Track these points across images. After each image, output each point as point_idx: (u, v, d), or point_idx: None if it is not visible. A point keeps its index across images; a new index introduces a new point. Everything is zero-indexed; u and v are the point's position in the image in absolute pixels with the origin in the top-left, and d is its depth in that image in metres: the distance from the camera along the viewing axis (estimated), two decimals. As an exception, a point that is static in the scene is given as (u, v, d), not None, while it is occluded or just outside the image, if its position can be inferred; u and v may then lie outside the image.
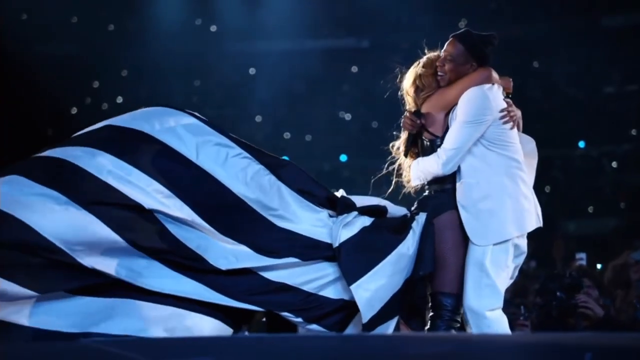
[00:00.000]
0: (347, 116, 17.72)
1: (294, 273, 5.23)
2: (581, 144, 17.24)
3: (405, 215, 5.51)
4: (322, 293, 5.25)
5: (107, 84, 16.72)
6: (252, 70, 17.62)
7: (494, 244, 5.41)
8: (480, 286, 5.38)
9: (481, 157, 5.49)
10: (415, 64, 5.76)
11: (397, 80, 5.80)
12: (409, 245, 5.40)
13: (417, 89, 5.68)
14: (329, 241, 5.29)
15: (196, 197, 5.11)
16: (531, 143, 5.64)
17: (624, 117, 16.91)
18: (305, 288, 5.22)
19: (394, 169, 5.76)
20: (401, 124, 5.68)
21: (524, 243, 5.48)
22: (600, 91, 17.38)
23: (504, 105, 5.53)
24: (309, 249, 5.26)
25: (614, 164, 17.17)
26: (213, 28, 17.38)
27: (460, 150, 5.46)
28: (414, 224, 5.44)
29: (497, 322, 5.38)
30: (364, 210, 5.43)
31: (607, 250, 12.33)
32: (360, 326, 5.25)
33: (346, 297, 5.26)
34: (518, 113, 5.60)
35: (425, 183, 5.61)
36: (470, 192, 5.46)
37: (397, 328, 5.43)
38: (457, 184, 5.46)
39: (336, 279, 5.27)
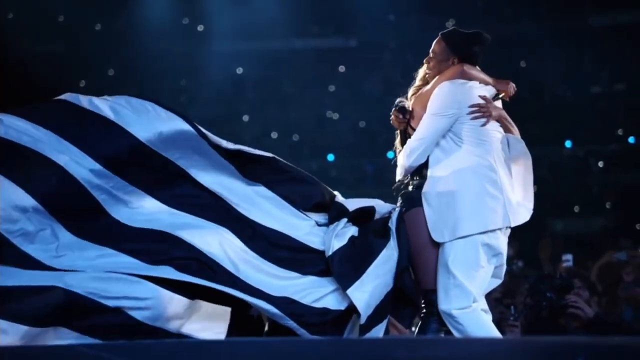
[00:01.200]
0: (335, 116, 17.71)
1: (296, 286, 5.29)
2: (568, 144, 17.27)
3: (388, 215, 5.53)
4: (320, 304, 5.29)
5: (93, 83, 16.65)
6: (239, 70, 17.59)
7: (457, 243, 5.39)
8: (448, 287, 5.36)
9: (448, 152, 5.49)
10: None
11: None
12: (391, 245, 5.44)
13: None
14: (321, 248, 5.34)
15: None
16: (520, 143, 5.63)
17: (611, 117, 16.95)
18: (305, 301, 5.26)
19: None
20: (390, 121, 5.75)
21: (497, 243, 5.40)
22: (588, 91, 17.41)
23: (476, 101, 5.51)
24: (304, 256, 5.30)
25: (601, 164, 17.21)
26: (200, 27, 17.35)
27: (423, 142, 5.46)
28: (389, 223, 5.47)
29: (468, 320, 5.34)
30: (354, 215, 5.47)
31: (593, 249, 12.35)
32: (356, 329, 5.28)
33: (342, 306, 5.30)
34: (501, 113, 5.57)
35: (408, 178, 5.62)
36: (433, 187, 5.45)
37: (386, 328, 5.45)
38: (427, 178, 5.49)
39: (333, 290, 5.31)
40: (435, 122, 5.47)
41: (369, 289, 5.30)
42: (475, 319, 5.33)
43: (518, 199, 5.55)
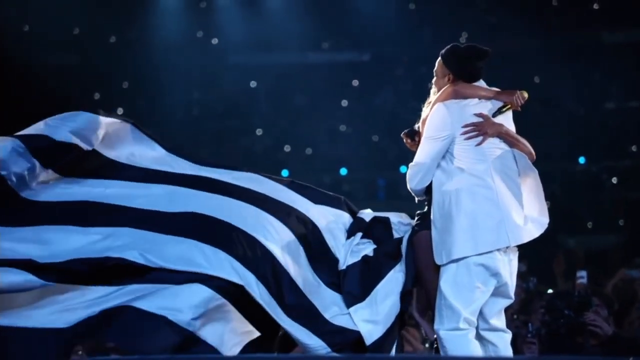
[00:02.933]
0: (348, 129, 17.71)
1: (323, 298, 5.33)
2: (581, 160, 17.22)
3: (402, 236, 5.56)
4: (338, 322, 5.31)
5: (108, 95, 16.71)
6: (253, 83, 17.61)
7: (450, 265, 5.38)
8: (440, 307, 5.40)
9: (448, 173, 5.49)
10: None
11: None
12: (400, 267, 5.47)
13: None
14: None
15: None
16: (523, 158, 5.58)
17: (624, 133, 16.90)
18: (327, 316, 5.29)
19: None
20: None
21: (494, 263, 5.36)
22: (601, 107, 17.37)
23: (471, 120, 5.46)
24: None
25: (614, 180, 17.15)
26: (214, 41, 17.38)
27: (422, 166, 5.48)
28: (401, 245, 5.52)
29: (452, 343, 5.34)
30: (369, 225, 5.50)
31: (607, 266, 12.30)
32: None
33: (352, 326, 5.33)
34: (500, 129, 5.48)
35: (423, 196, 5.63)
36: (436, 209, 5.48)
37: (400, 342, 5.47)
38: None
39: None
40: (431, 145, 5.47)
41: (376, 309, 5.31)
42: (459, 343, 5.33)
43: (533, 214, 5.49)
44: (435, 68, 5.69)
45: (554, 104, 17.20)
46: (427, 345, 6.91)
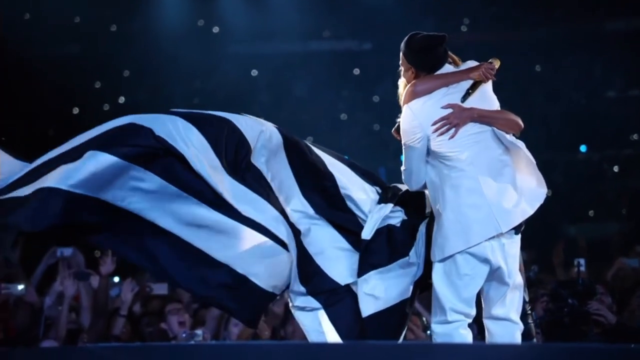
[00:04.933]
0: (349, 119, 17.70)
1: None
2: (583, 149, 17.21)
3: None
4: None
5: (109, 84, 16.68)
6: (254, 72, 17.59)
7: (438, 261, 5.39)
8: (432, 300, 5.43)
9: (434, 172, 5.47)
10: None
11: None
12: (416, 252, 5.48)
13: None
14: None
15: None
16: (506, 134, 5.48)
17: (626, 122, 16.88)
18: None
19: None
20: None
21: (483, 251, 5.31)
22: (603, 96, 17.35)
23: (438, 115, 5.37)
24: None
25: (616, 169, 17.14)
26: (215, 29, 17.36)
27: (409, 172, 5.49)
28: (418, 234, 5.52)
29: (440, 335, 5.37)
30: (402, 199, 5.57)
31: (608, 254, 12.31)
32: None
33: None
34: (473, 113, 5.32)
35: None
36: (432, 207, 5.50)
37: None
38: None
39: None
40: (409, 151, 5.46)
41: (378, 284, 5.34)
42: (447, 336, 5.33)
43: (531, 185, 5.41)
44: (400, 61, 5.64)
45: (556, 93, 17.19)
46: (428, 332, 6.92)
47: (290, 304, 5.51)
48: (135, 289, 8.81)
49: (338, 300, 5.38)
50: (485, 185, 5.30)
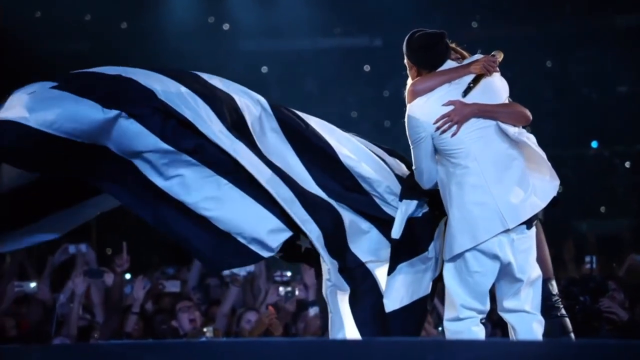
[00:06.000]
0: (359, 115, 17.69)
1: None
2: (594, 144, 17.17)
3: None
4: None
5: (119, 81, 16.70)
6: (264, 69, 17.60)
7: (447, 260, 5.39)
8: (445, 298, 5.43)
9: (442, 170, 5.46)
10: None
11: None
12: (435, 247, 5.50)
13: None
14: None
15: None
16: (510, 128, 5.42)
17: (637, 117, 16.82)
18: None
19: None
20: None
21: (492, 247, 5.26)
22: (614, 91, 17.30)
23: (439, 114, 5.34)
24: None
25: (627, 164, 17.10)
26: (226, 26, 17.37)
27: (419, 170, 5.48)
28: (437, 229, 5.53)
29: (452, 332, 5.36)
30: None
31: (619, 250, 12.28)
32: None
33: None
34: (473, 108, 5.28)
35: None
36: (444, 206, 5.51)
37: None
38: None
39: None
40: (416, 151, 5.45)
41: (405, 280, 5.38)
42: (458, 333, 5.32)
43: (545, 177, 5.35)
44: (405, 60, 5.65)
45: (567, 89, 17.15)
46: (440, 329, 6.92)
47: (325, 280, 5.55)
48: (147, 286, 8.84)
49: (364, 291, 5.41)
50: (491, 180, 5.27)
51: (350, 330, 5.29)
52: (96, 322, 8.85)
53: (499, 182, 5.26)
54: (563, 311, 5.70)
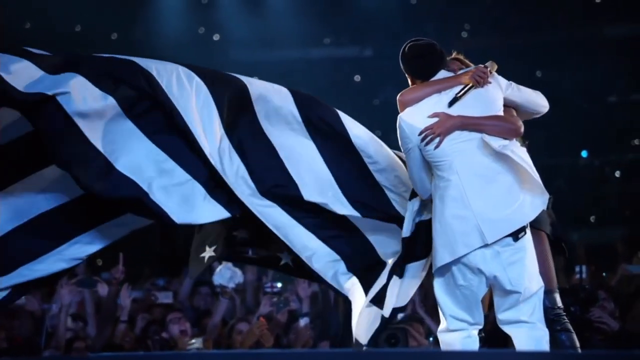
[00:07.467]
0: (350, 125, 17.67)
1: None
2: (584, 154, 17.20)
3: None
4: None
5: (110, 92, 16.68)
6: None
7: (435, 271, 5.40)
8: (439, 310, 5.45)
9: (433, 181, 5.47)
10: None
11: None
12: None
13: None
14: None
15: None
16: (496, 142, 5.38)
17: (627, 127, 16.87)
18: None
19: None
20: None
21: (475, 260, 5.22)
22: (604, 100, 17.34)
23: (423, 125, 5.31)
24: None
25: (618, 174, 17.13)
26: (216, 37, 17.38)
27: (414, 181, 5.51)
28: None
29: (443, 343, 5.36)
30: None
31: (610, 260, 12.28)
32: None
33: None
34: (455, 122, 5.25)
35: None
36: None
37: (405, 337, 5.52)
38: None
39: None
40: (408, 161, 5.48)
41: (401, 283, 5.41)
42: (449, 344, 5.31)
43: (535, 191, 5.27)
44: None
45: (557, 98, 17.16)
46: (431, 339, 6.90)
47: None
48: (132, 295, 8.83)
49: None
50: (472, 194, 5.18)
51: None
52: (87, 333, 8.80)
53: (479, 196, 5.18)
54: (568, 326, 5.60)
